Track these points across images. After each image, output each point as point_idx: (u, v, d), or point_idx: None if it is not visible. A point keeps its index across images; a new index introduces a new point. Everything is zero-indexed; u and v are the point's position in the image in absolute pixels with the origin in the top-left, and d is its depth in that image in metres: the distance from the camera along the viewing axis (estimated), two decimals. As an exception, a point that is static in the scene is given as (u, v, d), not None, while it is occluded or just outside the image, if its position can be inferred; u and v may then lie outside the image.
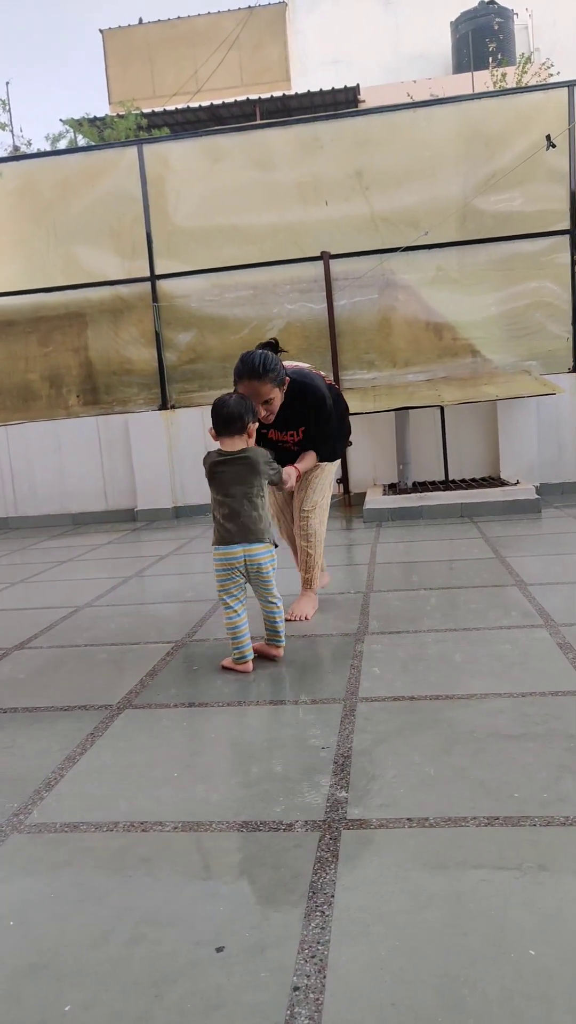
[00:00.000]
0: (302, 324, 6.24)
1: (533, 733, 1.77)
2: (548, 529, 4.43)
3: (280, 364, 2.65)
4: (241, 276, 6.24)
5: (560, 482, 5.84)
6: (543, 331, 5.92)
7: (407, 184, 5.99)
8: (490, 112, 5.88)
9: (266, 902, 1.24)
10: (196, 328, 6.36)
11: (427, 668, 2.28)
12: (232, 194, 6.19)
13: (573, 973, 1.04)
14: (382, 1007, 1.01)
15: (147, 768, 1.76)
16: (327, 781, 1.62)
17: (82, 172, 6.36)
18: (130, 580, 3.93)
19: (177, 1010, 1.03)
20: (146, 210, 6.27)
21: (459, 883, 1.25)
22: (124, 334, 6.45)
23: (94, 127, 15.86)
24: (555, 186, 5.83)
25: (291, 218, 6.16)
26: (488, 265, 5.93)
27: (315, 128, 6.10)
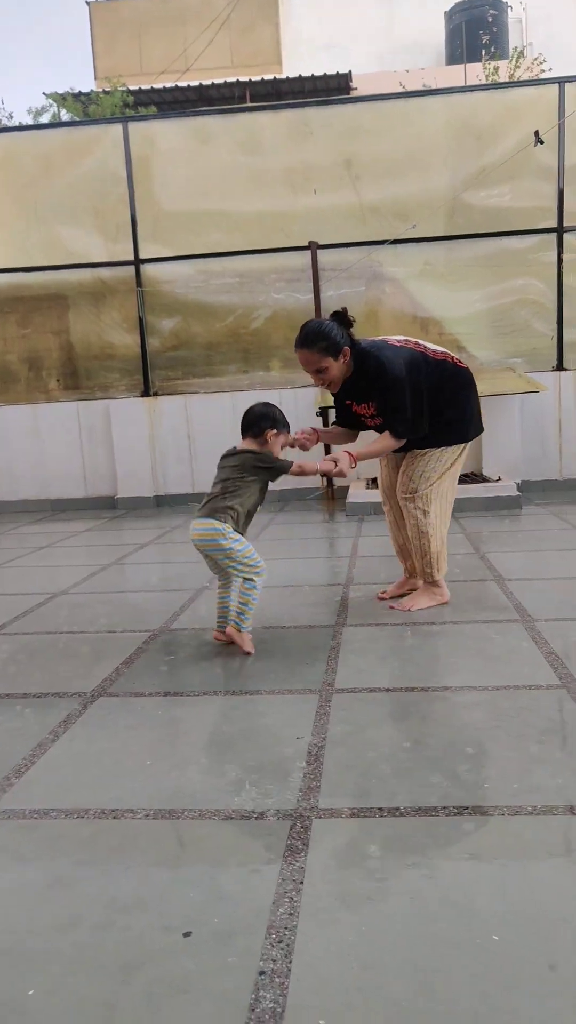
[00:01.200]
0: (288, 314, 6.21)
1: (506, 726, 1.79)
2: (528, 526, 4.47)
3: (338, 334, 2.61)
4: (227, 263, 6.20)
5: (542, 479, 5.88)
6: (528, 329, 5.95)
7: (396, 175, 5.98)
8: (481, 106, 5.87)
9: (235, 889, 1.25)
10: (180, 314, 6.32)
11: (404, 661, 2.29)
12: (219, 178, 6.14)
13: (538, 959, 1.06)
14: (347, 992, 1.02)
15: (120, 756, 1.75)
16: (300, 771, 1.63)
17: (65, 148, 6.26)
18: (109, 568, 3.92)
19: (143, 995, 1.03)
20: (131, 191, 6.20)
21: (428, 871, 1.27)
22: (106, 318, 6.39)
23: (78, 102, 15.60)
24: (544, 183, 5.85)
25: (279, 205, 6.12)
26: (475, 261, 5.94)
27: (305, 113, 6.06)
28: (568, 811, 1.42)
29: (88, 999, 1.03)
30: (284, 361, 6.27)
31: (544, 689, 2.00)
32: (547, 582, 3.14)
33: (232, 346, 6.30)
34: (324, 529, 4.77)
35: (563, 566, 3.47)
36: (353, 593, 3.10)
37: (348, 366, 2.68)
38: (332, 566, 3.67)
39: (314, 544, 4.31)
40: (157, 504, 6.22)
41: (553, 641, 2.37)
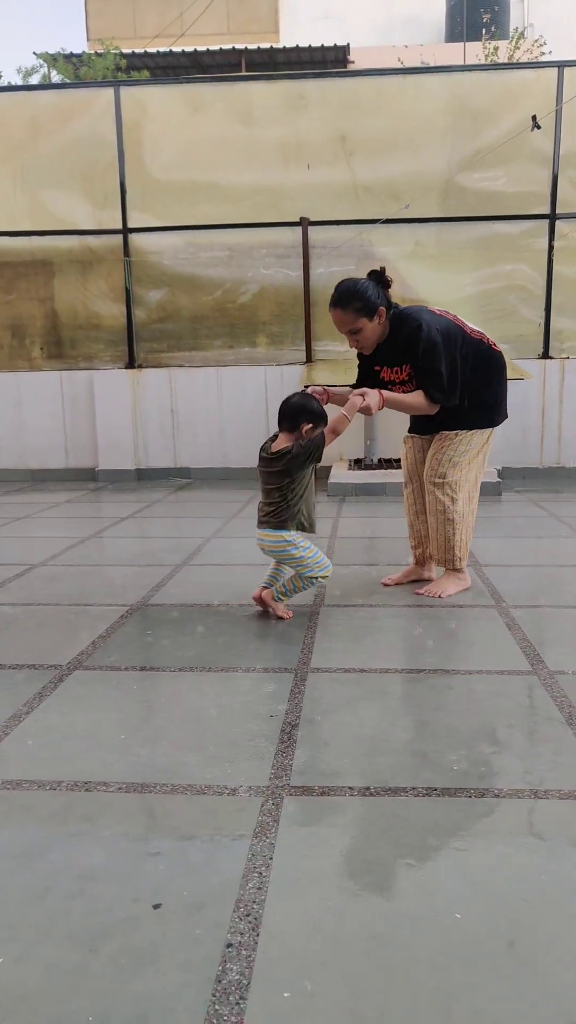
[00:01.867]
0: (277, 290, 6.16)
1: (477, 709, 1.82)
2: (507, 512, 4.50)
3: (374, 293, 2.54)
4: (217, 236, 6.12)
5: (522, 467, 5.93)
6: (516, 315, 5.95)
7: (391, 153, 5.91)
8: (479, 86, 5.81)
9: (206, 863, 1.27)
10: (168, 286, 6.24)
11: (379, 643, 2.31)
12: (212, 148, 6.03)
13: (497, 936, 1.08)
14: (311, 965, 1.04)
15: (94, 730, 1.76)
16: (273, 748, 1.64)
17: (55, 111, 6.11)
18: (88, 541, 3.90)
19: (111, 964, 1.05)
20: (120, 157, 6.08)
21: (395, 849, 1.29)
22: (92, 287, 6.29)
23: (70, 63, 15.23)
24: (538, 168, 5.82)
25: (271, 179, 6.04)
26: (467, 244, 5.92)
27: (302, 85, 5.95)
28: (532, 795, 1.45)
29: (56, 968, 1.05)
30: (271, 337, 6.23)
31: (516, 674, 2.03)
32: (523, 569, 3.17)
33: (219, 320, 6.24)
34: (305, 509, 4.77)
35: (540, 553, 3.51)
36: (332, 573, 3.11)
37: (384, 328, 2.60)
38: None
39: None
40: (138, 477, 6.19)
41: (526, 627, 2.41)
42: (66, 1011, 0.98)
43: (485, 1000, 0.98)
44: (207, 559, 3.42)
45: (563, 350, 5.96)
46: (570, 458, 5.93)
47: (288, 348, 6.18)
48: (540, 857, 1.27)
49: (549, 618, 2.52)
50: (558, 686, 1.95)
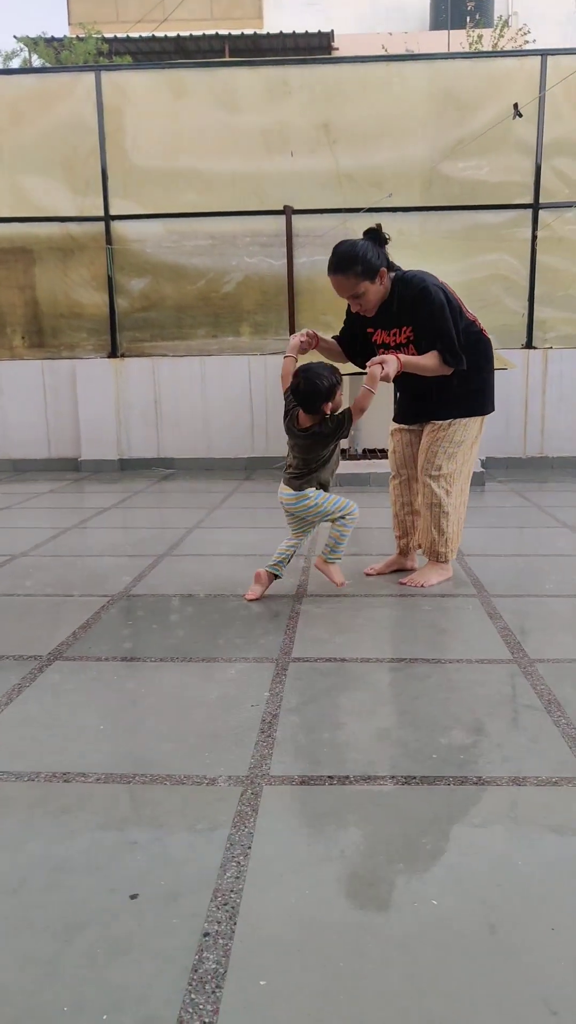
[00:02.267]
0: (260, 279, 6.13)
1: (457, 698, 1.83)
2: (490, 502, 4.52)
3: (374, 254, 2.48)
4: (200, 224, 6.08)
5: (505, 457, 5.95)
6: (499, 305, 5.96)
7: (374, 142, 5.89)
8: (463, 74, 5.79)
9: (184, 853, 1.27)
10: (151, 275, 6.18)
11: (360, 633, 2.32)
12: (194, 135, 5.98)
13: (470, 921, 1.09)
14: (288, 952, 1.04)
15: (73, 720, 1.75)
16: (253, 738, 1.64)
17: (35, 95, 6.03)
18: (70, 531, 3.87)
19: (86, 954, 1.05)
20: (102, 143, 6.01)
21: (372, 837, 1.29)
22: (74, 275, 6.23)
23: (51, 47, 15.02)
24: (522, 158, 5.82)
25: (254, 167, 5.99)
26: (450, 234, 5.92)
27: (285, 72, 5.90)
28: (511, 782, 1.46)
29: (31, 958, 1.04)
30: (255, 327, 6.20)
31: (496, 663, 2.04)
32: (506, 559, 3.19)
33: (202, 310, 6.20)
34: (289, 499, 4.76)
35: (521, 543, 3.53)
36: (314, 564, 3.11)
37: (386, 289, 2.55)
38: (295, 536, 3.68)
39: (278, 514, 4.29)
40: (121, 468, 6.16)
41: (508, 617, 2.42)
42: (41, 1001, 0.97)
43: (458, 983, 0.99)
44: (190, 549, 3.40)
45: (546, 340, 5.98)
46: (553, 448, 5.97)
47: (272, 338, 6.15)
48: (517, 843, 1.28)
49: (530, 607, 2.54)
50: (538, 674, 1.96)
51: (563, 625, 2.35)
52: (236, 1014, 0.95)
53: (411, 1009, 0.95)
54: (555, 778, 1.46)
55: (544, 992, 0.97)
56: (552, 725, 1.68)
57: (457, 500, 2.74)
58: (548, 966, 1.01)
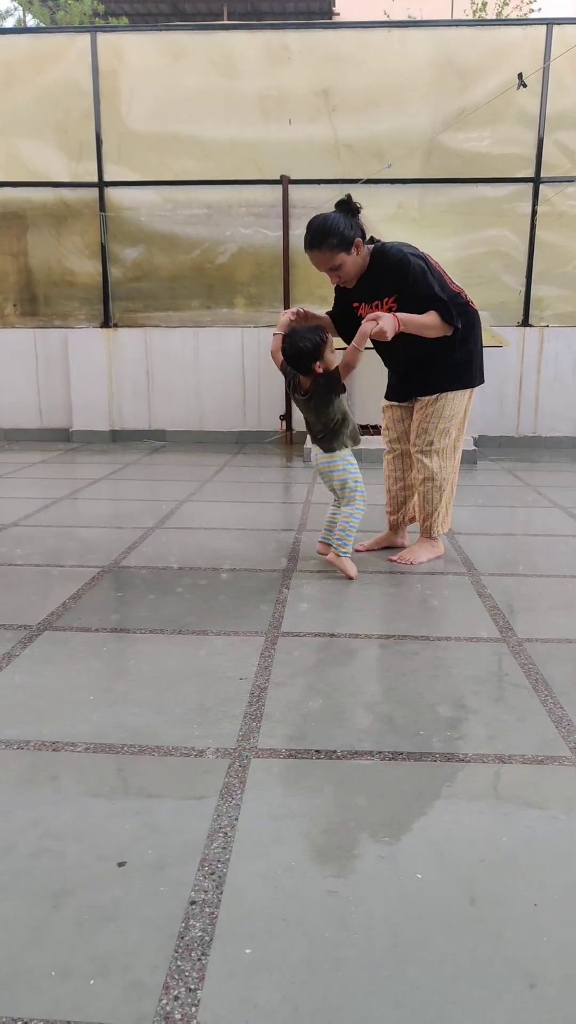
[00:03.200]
0: (255, 250, 6.05)
1: (445, 675, 1.85)
2: (481, 481, 4.53)
3: (346, 226, 2.47)
4: (196, 193, 5.98)
5: (498, 435, 5.95)
6: (497, 281, 5.91)
7: (374, 110, 5.78)
8: (466, 42, 5.67)
9: (171, 823, 1.28)
10: (144, 244, 6.09)
11: (350, 608, 2.33)
12: (191, 99, 5.85)
13: (453, 895, 1.11)
14: (272, 921, 1.06)
15: (63, 690, 1.76)
16: (241, 711, 1.65)
17: (28, 56, 5.88)
18: (61, 502, 3.85)
19: (73, 920, 1.06)
20: (96, 107, 5.88)
21: (358, 812, 1.31)
22: (67, 243, 6.13)
23: (46, 7, 14.64)
24: (524, 130, 5.73)
25: (252, 134, 5.88)
26: (449, 207, 5.84)
27: (284, 36, 5.77)
28: (496, 759, 1.48)
29: (17, 924, 1.05)
30: (249, 298, 6.13)
31: (484, 641, 2.06)
32: (497, 537, 3.20)
33: (196, 280, 6.12)
34: (280, 474, 4.76)
35: (512, 522, 3.54)
36: (305, 539, 3.12)
37: (364, 259, 2.55)
38: (286, 511, 3.68)
39: (269, 488, 4.30)
40: (113, 439, 6.12)
41: (497, 595, 2.43)
42: (27, 966, 0.99)
43: (439, 955, 1.00)
44: (181, 522, 3.40)
45: (543, 318, 5.94)
46: (546, 427, 5.96)
47: (266, 310, 6.09)
48: (500, 819, 1.29)
49: (520, 586, 2.55)
50: (526, 653, 1.98)
51: (552, 604, 2.36)
52: (221, 981, 0.96)
53: (393, 978, 0.96)
54: (540, 756, 1.48)
55: (525, 966, 0.99)
56: (539, 704, 1.70)
57: (452, 476, 2.76)
58: (529, 941, 1.03)
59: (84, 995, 0.94)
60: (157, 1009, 0.92)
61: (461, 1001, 0.93)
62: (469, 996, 0.94)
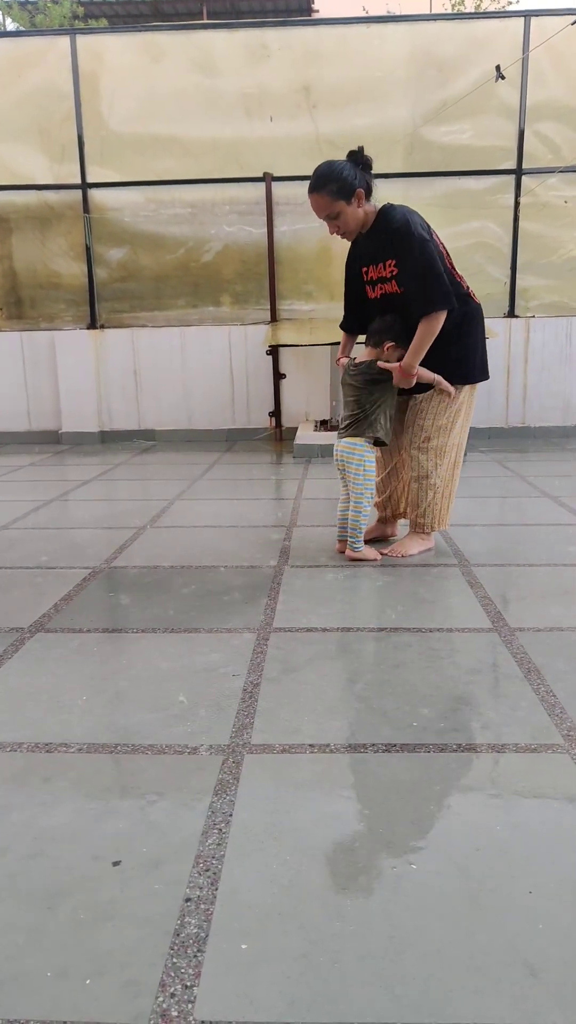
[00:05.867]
0: (240, 248, 6.04)
1: (437, 667, 1.85)
2: (470, 472, 4.53)
3: (351, 174, 2.44)
4: (179, 192, 5.96)
5: (487, 427, 5.96)
6: (482, 273, 5.91)
7: (355, 105, 5.78)
8: (445, 36, 5.67)
9: (166, 820, 1.27)
10: (129, 244, 6.08)
11: (342, 602, 2.32)
12: (172, 99, 5.83)
13: (449, 885, 1.11)
14: (268, 916, 1.06)
15: (56, 692, 1.75)
16: (235, 707, 1.65)
17: (8, 60, 5.85)
18: (51, 504, 3.84)
19: (69, 921, 1.05)
20: (77, 109, 5.86)
21: (352, 804, 1.31)
22: (52, 245, 6.10)
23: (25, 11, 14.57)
24: (505, 122, 5.74)
25: (233, 132, 5.87)
26: (432, 200, 5.84)
27: (263, 34, 5.76)
28: (489, 749, 1.48)
29: (14, 925, 1.05)
30: (235, 296, 6.12)
31: (476, 632, 2.06)
32: (488, 528, 3.20)
33: (182, 280, 6.11)
34: (271, 470, 4.75)
35: (503, 513, 3.55)
36: (296, 535, 3.12)
37: (366, 215, 2.52)
38: (277, 508, 3.67)
39: (260, 485, 4.30)
40: (102, 440, 6.11)
41: (489, 586, 2.44)
42: (24, 967, 0.98)
43: (436, 944, 1.00)
44: (171, 521, 3.39)
45: (528, 309, 5.96)
46: (535, 418, 5.98)
47: (253, 307, 6.08)
48: (495, 808, 1.29)
49: (511, 576, 2.56)
50: (517, 642, 1.98)
51: (543, 594, 2.37)
52: (217, 977, 0.96)
53: (389, 971, 0.96)
54: (534, 745, 1.48)
55: (522, 954, 0.99)
56: (532, 693, 1.70)
57: (448, 474, 2.72)
58: (526, 928, 1.03)
59: (81, 995, 0.94)
60: (154, 1007, 0.92)
61: (459, 990, 0.93)
62: (467, 985, 0.94)
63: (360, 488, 2.68)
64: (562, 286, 5.93)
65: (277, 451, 5.50)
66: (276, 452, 5.46)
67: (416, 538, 2.82)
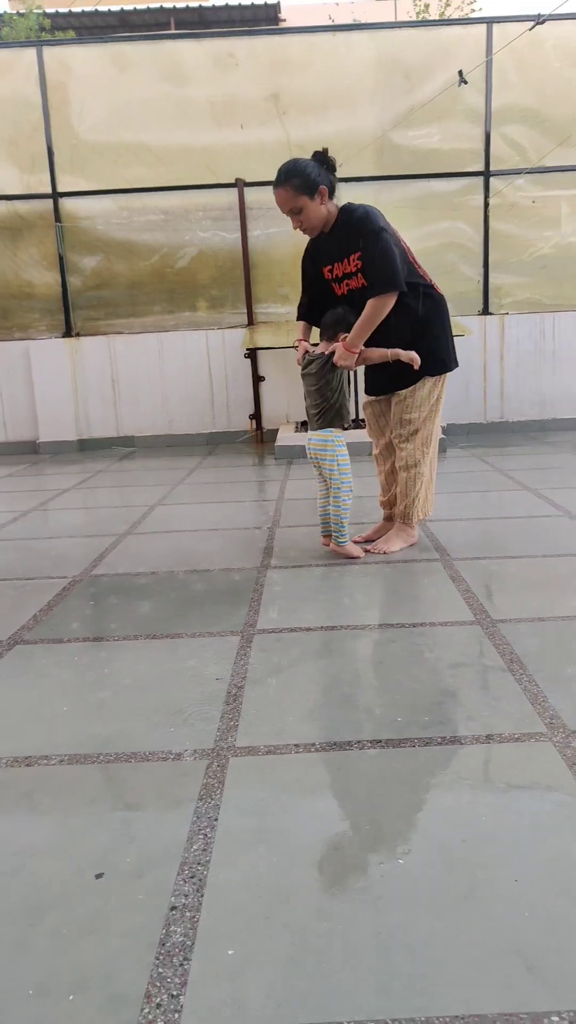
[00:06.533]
0: (215, 253, 6.03)
1: (420, 661, 1.84)
2: (451, 468, 4.54)
3: (315, 171, 2.49)
4: (151, 199, 5.95)
5: (466, 423, 5.99)
6: (455, 272, 5.95)
7: (324, 112, 5.81)
8: (410, 43, 5.72)
9: (149, 829, 1.25)
10: (102, 252, 6.05)
11: (325, 601, 2.31)
12: (141, 109, 5.83)
13: (436, 877, 1.10)
14: (255, 919, 1.04)
15: (36, 703, 1.72)
16: (219, 711, 1.63)
17: (-25, 72, 5.81)
18: (29, 514, 3.80)
19: (51, 935, 1.03)
20: (46, 119, 5.83)
21: (338, 802, 1.29)
22: (24, 255, 6.06)
23: (-9, 23, 14.49)
24: (471, 126, 5.79)
25: (204, 140, 5.87)
26: (404, 202, 5.87)
27: (230, 43, 5.77)
28: (474, 741, 1.47)
29: (-7, 943, 1.02)
30: (211, 301, 6.11)
31: (458, 625, 2.06)
32: (469, 522, 3.21)
33: (157, 286, 6.09)
34: (253, 472, 4.74)
35: (484, 507, 3.55)
36: (279, 536, 3.10)
37: (329, 214, 2.56)
38: (259, 509, 3.66)
39: (242, 487, 4.28)
40: (81, 448, 6.06)
41: (470, 579, 2.43)
42: (5, 985, 0.95)
43: (423, 937, 0.99)
44: (152, 527, 3.36)
45: (502, 306, 6.00)
46: (513, 412, 6.02)
47: (229, 311, 6.08)
48: (480, 798, 1.28)
49: (492, 569, 2.56)
50: (500, 634, 1.98)
51: (524, 585, 2.37)
52: (204, 985, 0.94)
53: (378, 967, 0.95)
54: (517, 734, 1.48)
55: (509, 942, 0.98)
56: (515, 683, 1.69)
57: (425, 459, 2.77)
58: (512, 916, 1.02)
59: (64, 1011, 0.91)
60: (139, 1019, 0.89)
61: (447, 981, 0.92)
62: (455, 975, 0.93)
63: (337, 481, 2.68)
64: (533, 283, 5.98)
65: (258, 453, 5.49)
66: (257, 454, 5.44)
67: (400, 533, 2.82)
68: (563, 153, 5.77)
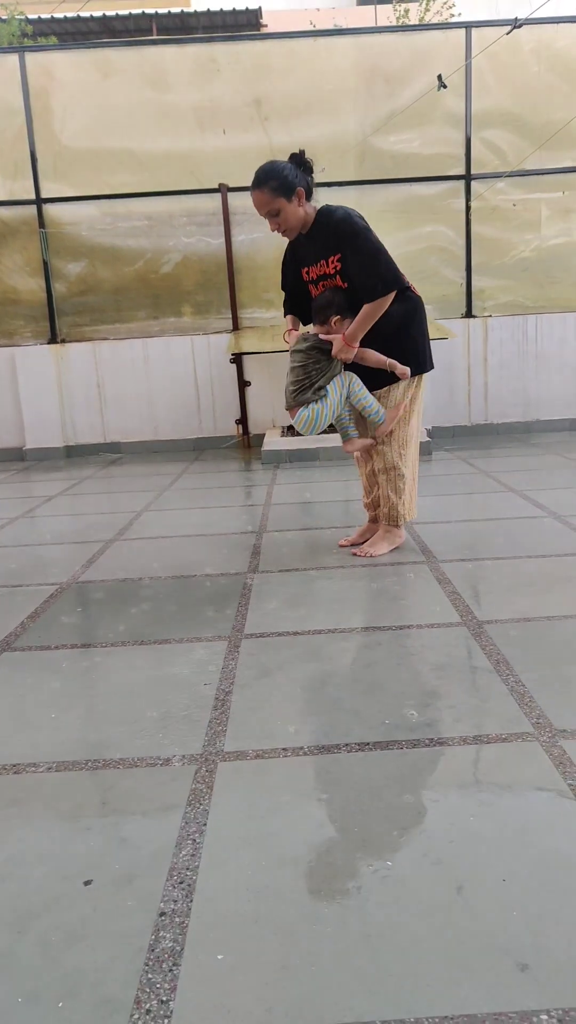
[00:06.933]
0: (199, 259, 6.04)
1: (408, 663, 1.85)
2: (437, 471, 4.57)
3: (292, 173, 2.51)
4: (135, 205, 5.95)
5: (452, 425, 6.02)
6: (438, 276, 5.99)
7: (306, 117, 5.83)
8: (390, 48, 5.76)
9: (138, 835, 1.25)
10: (87, 258, 6.04)
11: (312, 605, 2.32)
12: (124, 114, 5.83)
13: (424, 878, 1.10)
14: (244, 924, 1.04)
15: (23, 710, 1.71)
16: (207, 716, 1.63)
17: (-44, 78, 5.79)
18: (16, 521, 3.78)
19: (39, 943, 1.03)
20: (29, 125, 5.82)
21: (327, 806, 1.30)
22: (8, 261, 6.04)
23: (-28, 31, 14.44)
24: (452, 130, 5.83)
25: (187, 145, 5.88)
26: (386, 207, 5.91)
27: (212, 49, 5.79)
28: (461, 742, 1.48)
29: (-18, 953, 1.02)
30: (196, 306, 6.11)
31: (445, 627, 2.07)
32: (453, 524, 3.22)
33: (142, 292, 6.09)
34: (239, 477, 4.74)
35: (469, 509, 3.58)
36: (267, 540, 3.11)
37: (306, 216, 2.58)
38: (246, 514, 3.66)
39: (229, 493, 4.28)
40: (67, 455, 6.04)
41: (456, 580, 2.45)
42: (-7, 995, 0.95)
43: (412, 938, 1.00)
44: (139, 533, 3.36)
45: (485, 308, 6.04)
46: (497, 414, 6.06)
47: (214, 317, 6.08)
48: (467, 800, 1.29)
49: (478, 571, 2.57)
50: (486, 635, 1.99)
51: (510, 586, 2.39)
52: (194, 990, 0.94)
53: (367, 969, 0.95)
54: (504, 734, 1.49)
55: (498, 941, 0.99)
56: (501, 684, 1.71)
57: (413, 463, 2.79)
58: (500, 916, 1.03)
59: (53, 1018, 0.91)
60: (129, 1024, 0.89)
61: (436, 982, 0.93)
62: (444, 976, 0.93)
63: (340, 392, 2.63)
64: (515, 286, 6.03)
65: (245, 458, 5.49)
66: (244, 459, 5.44)
67: (387, 536, 2.83)
68: (542, 156, 5.82)
